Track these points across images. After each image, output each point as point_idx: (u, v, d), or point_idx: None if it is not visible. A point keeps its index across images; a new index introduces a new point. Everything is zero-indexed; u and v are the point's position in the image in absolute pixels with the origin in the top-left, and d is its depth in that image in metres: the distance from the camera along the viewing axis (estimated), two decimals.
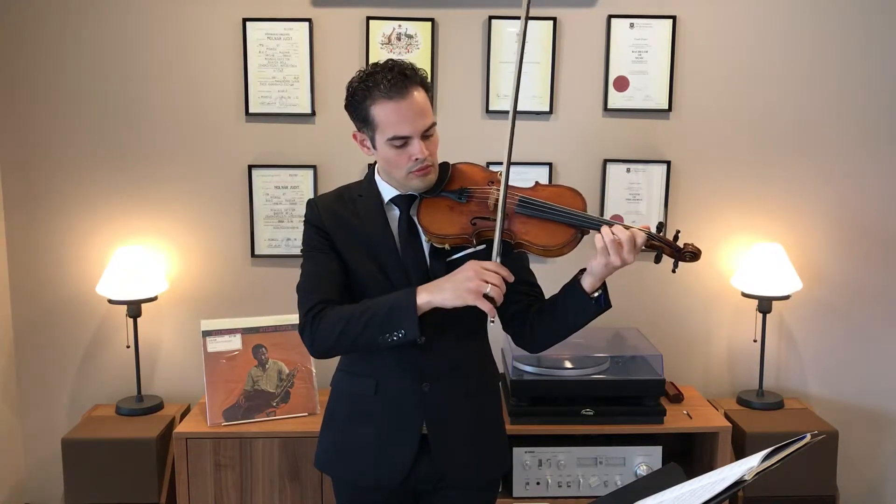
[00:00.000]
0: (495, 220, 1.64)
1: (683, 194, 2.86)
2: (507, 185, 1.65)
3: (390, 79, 1.62)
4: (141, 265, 2.69)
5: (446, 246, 1.70)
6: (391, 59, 1.67)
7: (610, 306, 1.72)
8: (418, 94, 1.65)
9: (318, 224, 1.75)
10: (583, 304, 1.70)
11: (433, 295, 1.60)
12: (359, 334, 1.63)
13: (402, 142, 1.64)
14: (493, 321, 1.62)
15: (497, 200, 1.65)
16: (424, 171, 1.68)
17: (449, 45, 2.77)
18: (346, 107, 1.71)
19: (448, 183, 1.74)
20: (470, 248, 1.70)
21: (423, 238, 1.73)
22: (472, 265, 1.60)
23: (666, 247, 1.68)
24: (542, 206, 1.68)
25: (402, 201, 1.75)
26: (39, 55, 2.75)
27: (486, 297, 1.56)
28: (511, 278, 1.60)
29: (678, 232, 1.70)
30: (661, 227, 1.71)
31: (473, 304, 1.56)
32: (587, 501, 2.48)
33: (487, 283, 1.56)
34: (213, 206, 2.84)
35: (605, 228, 1.62)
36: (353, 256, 1.73)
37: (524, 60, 1.67)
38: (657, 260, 1.70)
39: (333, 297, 1.70)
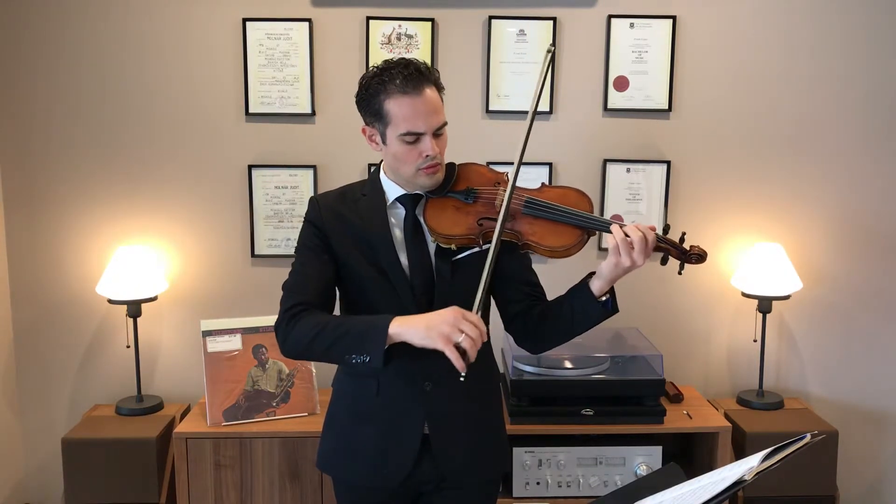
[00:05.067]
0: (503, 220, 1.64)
1: (683, 194, 2.86)
2: (513, 186, 1.65)
3: (406, 74, 1.61)
4: (141, 265, 2.69)
5: (452, 246, 1.69)
6: (405, 58, 1.66)
7: (617, 311, 1.71)
8: (432, 93, 1.64)
9: (317, 223, 1.75)
10: (590, 306, 1.69)
11: (405, 328, 1.57)
12: (328, 347, 1.62)
13: (415, 138, 1.63)
14: (462, 378, 1.52)
15: (504, 201, 1.65)
16: (433, 170, 1.67)
17: (449, 45, 2.77)
18: (358, 101, 1.70)
19: (454, 183, 1.73)
20: (475, 247, 1.69)
21: (429, 238, 1.72)
22: (454, 311, 1.56)
23: (672, 249, 1.67)
24: (549, 206, 1.68)
25: (409, 201, 1.74)
26: (39, 55, 2.75)
27: (457, 347, 1.51)
28: (485, 338, 1.55)
29: (684, 234, 1.70)
30: (667, 229, 1.71)
31: (441, 351, 1.52)
32: (587, 501, 2.48)
33: (462, 332, 1.52)
34: (213, 206, 2.84)
35: (615, 228, 1.61)
36: (352, 257, 1.73)
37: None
38: (663, 262, 1.70)
39: (314, 301, 1.69)
